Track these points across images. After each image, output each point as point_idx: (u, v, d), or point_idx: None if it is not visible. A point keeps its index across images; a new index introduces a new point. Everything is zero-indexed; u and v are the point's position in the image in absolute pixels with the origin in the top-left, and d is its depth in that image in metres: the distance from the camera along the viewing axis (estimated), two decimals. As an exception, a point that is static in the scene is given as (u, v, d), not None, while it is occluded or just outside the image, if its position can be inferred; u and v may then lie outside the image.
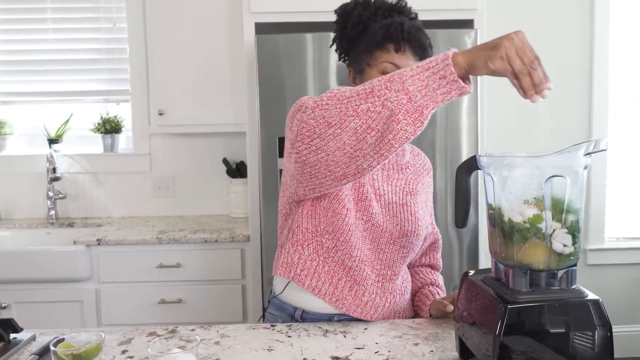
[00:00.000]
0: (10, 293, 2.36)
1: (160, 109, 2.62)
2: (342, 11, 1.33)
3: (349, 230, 1.24)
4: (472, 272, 1.06)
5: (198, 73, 2.59)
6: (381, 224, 1.27)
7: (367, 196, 1.26)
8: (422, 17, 2.26)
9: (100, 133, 2.86)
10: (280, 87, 2.23)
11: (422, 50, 1.26)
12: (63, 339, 1.13)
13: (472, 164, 1.00)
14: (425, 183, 1.39)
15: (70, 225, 2.78)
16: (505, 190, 0.91)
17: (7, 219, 2.88)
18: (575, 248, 0.91)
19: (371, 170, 1.06)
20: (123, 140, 2.96)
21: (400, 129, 0.97)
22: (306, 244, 1.27)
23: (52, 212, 2.81)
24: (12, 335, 1.22)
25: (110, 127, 2.86)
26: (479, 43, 2.22)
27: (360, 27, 1.30)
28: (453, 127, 2.28)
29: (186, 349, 1.06)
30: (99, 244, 2.36)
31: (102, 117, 2.86)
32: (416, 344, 1.16)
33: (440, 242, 1.50)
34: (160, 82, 2.62)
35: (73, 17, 2.87)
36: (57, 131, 2.91)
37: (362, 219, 1.26)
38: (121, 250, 2.37)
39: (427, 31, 2.18)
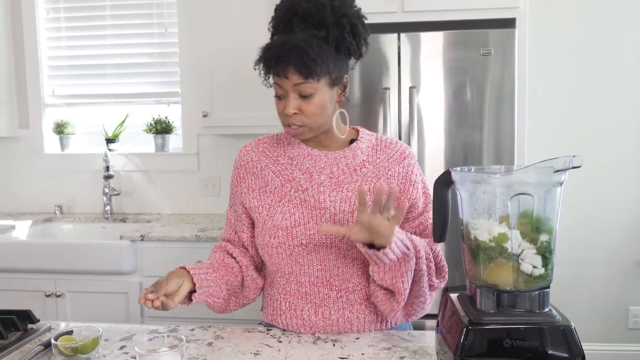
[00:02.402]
0: (65, 282, 2.54)
1: (205, 110, 2.72)
2: (275, 16, 1.26)
3: (288, 262, 1.25)
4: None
5: (240, 76, 2.65)
6: (324, 241, 1.23)
7: (300, 221, 1.23)
8: (460, 16, 2.26)
9: (152, 133, 3.01)
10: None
11: (296, 70, 1.15)
12: (71, 332, 1.23)
13: (448, 179, 0.97)
14: (394, 174, 1.27)
15: (123, 220, 2.95)
16: (471, 206, 0.88)
17: (69, 213, 3.11)
18: (546, 270, 0.86)
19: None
20: (173, 140, 3.09)
21: None
22: (269, 286, 1.36)
23: (108, 207, 2.99)
24: (29, 326, 1.32)
25: (161, 128, 3.00)
26: (517, 44, 2.15)
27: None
28: (499, 131, 2.20)
29: (176, 349, 1.11)
30: (142, 239, 2.49)
31: (154, 118, 3.01)
32: (402, 358, 1.14)
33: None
34: (205, 85, 2.72)
35: (129, 23, 3.04)
36: (114, 131, 3.09)
37: (301, 245, 1.23)
38: (163, 247, 2.49)
39: (466, 32, 2.17)
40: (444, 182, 0.97)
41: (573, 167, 0.82)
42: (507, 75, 2.17)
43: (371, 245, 1.13)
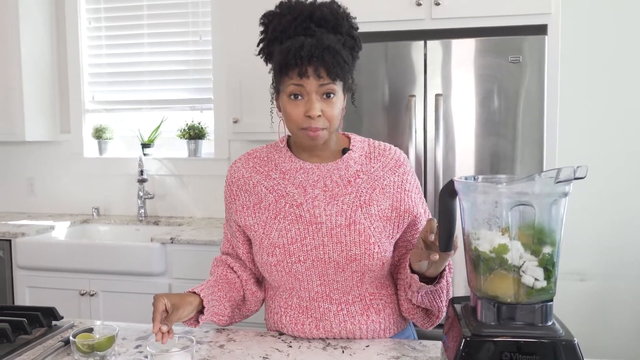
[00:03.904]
0: (98, 282, 2.63)
1: (235, 117, 2.78)
2: (263, 20, 1.26)
3: (288, 279, 1.25)
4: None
5: (268, 83, 2.69)
6: (322, 257, 1.22)
7: (296, 238, 1.23)
8: (491, 23, 2.23)
9: (185, 139, 3.09)
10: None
11: (327, 71, 1.15)
12: (92, 330, 1.27)
13: (452, 188, 0.96)
14: (390, 183, 1.26)
15: (156, 223, 3.03)
16: (472, 216, 0.87)
17: (105, 215, 3.22)
18: (549, 282, 0.84)
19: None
20: (206, 146, 3.15)
21: None
22: (270, 299, 1.35)
23: (142, 210, 3.08)
24: (53, 323, 1.37)
25: (194, 133, 3.07)
26: (547, 50, 2.10)
27: (276, 44, 1.22)
28: (529, 140, 2.16)
29: (186, 350, 1.14)
30: (172, 242, 2.55)
31: (187, 124, 3.08)
32: (409, 367, 1.14)
33: None
34: (235, 91, 2.77)
35: (165, 32, 3.14)
36: (150, 136, 3.19)
37: (299, 261, 1.23)
38: (191, 249, 2.55)
39: (497, 39, 2.14)
40: (449, 192, 0.96)
41: (576, 179, 0.80)
42: (537, 82, 2.13)
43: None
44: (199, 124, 3.09)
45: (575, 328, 2.84)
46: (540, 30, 2.21)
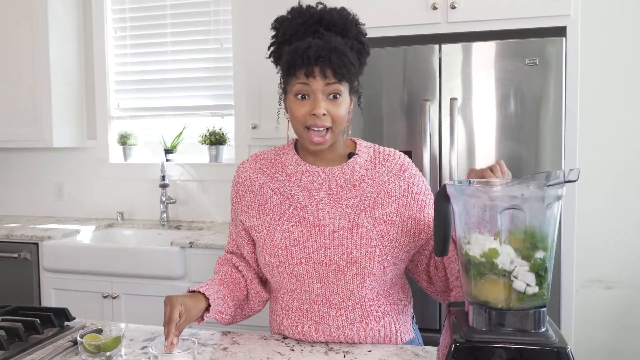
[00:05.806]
0: (120, 285, 2.68)
1: (254, 122, 2.81)
2: (275, 25, 1.29)
3: (289, 281, 1.26)
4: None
5: (287, 89, 2.72)
6: (323, 259, 1.23)
7: (299, 240, 1.24)
8: (508, 25, 2.21)
9: (207, 144, 3.13)
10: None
11: (334, 72, 1.18)
12: (101, 330, 1.31)
13: (447, 192, 0.95)
14: (395, 187, 1.26)
15: (178, 227, 3.08)
16: (463, 220, 0.86)
17: (129, 219, 3.29)
18: (542, 288, 0.82)
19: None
20: (227, 151, 3.19)
21: None
22: (273, 301, 1.37)
23: (164, 215, 3.14)
24: (65, 323, 1.41)
25: (215, 139, 3.12)
26: (565, 53, 2.06)
27: (285, 46, 1.24)
28: (547, 145, 2.12)
29: (188, 351, 1.16)
30: (191, 246, 2.59)
31: (208, 130, 3.13)
32: (410, 373, 1.12)
33: None
34: (255, 97, 2.81)
35: (187, 40, 3.19)
36: (172, 142, 3.25)
37: (300, 263, 1.24)
38: (209, 253, 2.58)
39: (515, 42, 2.10)
40: (444, 195, 0.95)
41: (567, 182, 0.78)
42: (556, 85, 2.09)
43: None
44: (220, 129, 3.14)
45: (602, 336, 2.77)
46: (558, 32, 2.16)
